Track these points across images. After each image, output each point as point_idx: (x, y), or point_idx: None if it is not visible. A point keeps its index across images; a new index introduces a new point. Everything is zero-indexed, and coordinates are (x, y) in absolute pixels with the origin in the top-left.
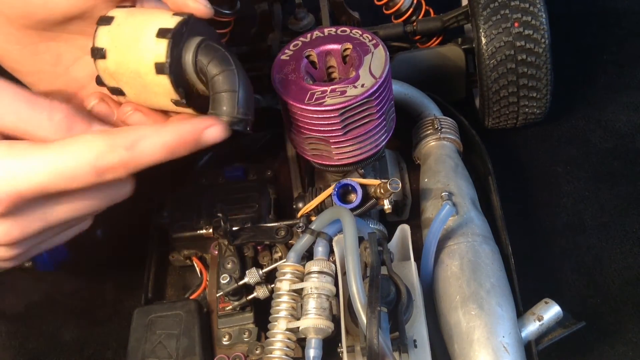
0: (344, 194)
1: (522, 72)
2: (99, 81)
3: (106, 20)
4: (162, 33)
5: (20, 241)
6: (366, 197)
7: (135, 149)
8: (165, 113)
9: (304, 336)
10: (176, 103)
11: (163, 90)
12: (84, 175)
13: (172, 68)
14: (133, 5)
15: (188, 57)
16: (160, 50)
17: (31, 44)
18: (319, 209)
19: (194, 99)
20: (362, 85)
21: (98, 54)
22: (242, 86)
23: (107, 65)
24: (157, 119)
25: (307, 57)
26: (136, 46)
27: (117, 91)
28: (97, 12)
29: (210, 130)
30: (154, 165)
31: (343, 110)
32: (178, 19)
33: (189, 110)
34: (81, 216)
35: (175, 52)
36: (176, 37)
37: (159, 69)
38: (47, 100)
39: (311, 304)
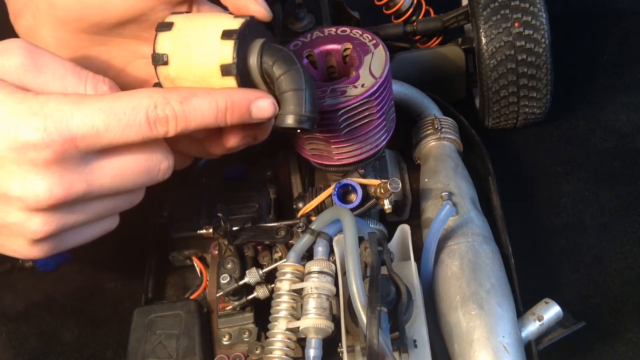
0: (344, 194)
1: (522, 72)
2: None
3: (166, 26)
4: (227, 34)
5: (62, 205)
6: (366, 197)
7: (188, 103)
8: (221, 130)
9: (304, 336)
10: (224, 69)
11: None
12: (138, 125)
13: (239, 69)
14: (189, 11)
15: (253, 59)
16: (226, 51)
17: (82, 49)
18: (319, 209)
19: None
20: (362, 85)
21: (160, 60)
22: (309, 85)
23: (169, 72)
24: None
25: (307, 57)
26: (200, 49)
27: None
28: (153, 16)
29: (261, 101)
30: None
31: (343, 110)
32: (241, 20)
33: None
34: (123, 189)
35: (240, 53)
36: (241, 38)
37: (226, 70)
38: (91, 72)
39: (311, 304)
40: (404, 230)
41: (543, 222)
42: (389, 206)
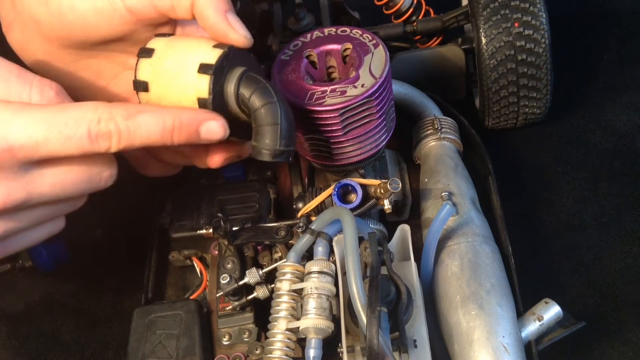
0: (344, 194)
1: (522, 72)
2: None
3: (147, 53)
4: (203, 69)
5: (2, 213)
6: (366, 197)
7: (133, 120)
8: (207, 148)
9: (304, 336)
10: (201, 102)
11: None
12: (79, 138)
13: (215, 103)
14: (172, 32)
15: (230, 90)
16: (202, 85)
17: (71, 62)
18: (319, 209)
19: (237, 128)
20: (362, 85)
21: (140, 86)
22: (284, 118)
23: (149, 98)
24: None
25: (307, 57)
26: (178, 81)
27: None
28: (137, 36)
29: (211, 123)
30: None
31: (343, 110)
32: (219, 52)
33: (234, 140)
34: (63, 197)
35: (217, 87)
36: (217, 72)
37: (202, 104)
38: (38, 76)
39: (311, 304)
40: (404, 230)
41: (543, 222)
42: (389, 206)
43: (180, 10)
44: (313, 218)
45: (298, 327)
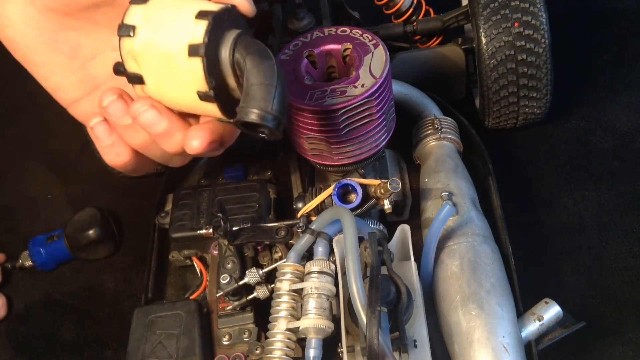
0: (344, 194)
1: (522, 72)
2: (118, 69)
3: (141, 0)
4: (202, 14)
5: None
6: (366, 197)
7: None
8: (183, 116)
9: (304, 336)
10: (203, 96)
11: (191, 78)
12: None
13: (208, 52)
14: None
15: (226, 48)
16: (198, 31)
17: (50, 31)
18: (319, 209)
19: (223, 96)
20: (362, 85)
21: (126, 31)
22: (281, 83)
23: (133, 45)
24: (173, 120)
25: (307, 57)
26: (172, 25)
27: (137, 79)
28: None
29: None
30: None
31: (343, 110)
32: (220, 5)
33: (214, 108)
34: None
35: (213, 36)
36: (216, 22)
37: (193, 50)
38: None
39: (311, 304)
40: (404, 230)
41: (543, 222)
42: (389, 206)
43: None
44: (313, 218)
45: (298, 327)
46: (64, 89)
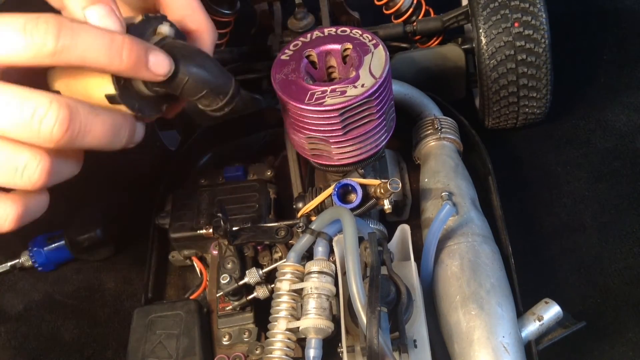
0: (344, 194)
1: (522, 72)
2: None
3: None
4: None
5: None
6: (366, 197)
7: (78, 24)
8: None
9: (304, 336)
10: (110, 99)
11: (99, 80)
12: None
13: (122, 96)
14: None
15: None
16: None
17: None
18: (319, 209)
19: (130, 96)
20: (362, 85)
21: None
22: (204, 74)
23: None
24: None
25: (307, 57)
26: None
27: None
28: None
29: (158, 55)
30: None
31: (343, 110)
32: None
33: (124, 109)
34: None
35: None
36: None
37: (111, 100)
38: None
39: (311, 304)
40: (404, 230)
41: (543, 222)
42: (389, 206)
43: None
44: (313, 218)
45: (298, 327)
46: None
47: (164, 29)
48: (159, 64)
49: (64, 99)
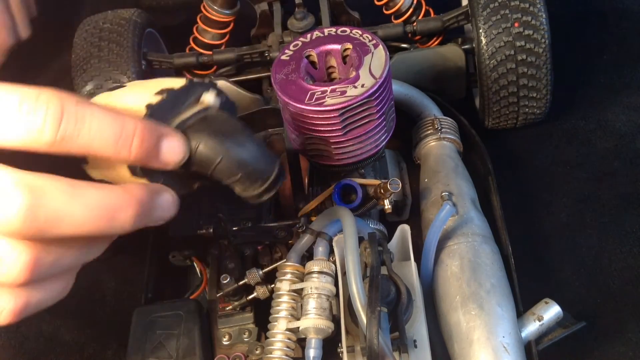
0: (344, 194)
1: (522, 72)
2: None
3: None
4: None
5: None
6: (366, 197)
7: (83, 106)
8: None
9: (304, 336)
10: (132, 170)
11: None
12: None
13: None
14: None
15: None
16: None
17: None
18: (319, 209)
19: (154, 170)
20: (362, 86)
21: None
22: (248, 157)
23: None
24: None
25: (307, 57)
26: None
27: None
28: None
29: (172, 140)
30: None
31: (343, 110)
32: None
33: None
34: None
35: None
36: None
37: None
38: None
39: (311, 304)
40: (404, 230)
41: (543, 222)
42: (389, 206)
43: None
44: (313, 218)
45: (298, 327)
46: None
47: (209, 98)
48: (171, 152)
49: (31, 179)
